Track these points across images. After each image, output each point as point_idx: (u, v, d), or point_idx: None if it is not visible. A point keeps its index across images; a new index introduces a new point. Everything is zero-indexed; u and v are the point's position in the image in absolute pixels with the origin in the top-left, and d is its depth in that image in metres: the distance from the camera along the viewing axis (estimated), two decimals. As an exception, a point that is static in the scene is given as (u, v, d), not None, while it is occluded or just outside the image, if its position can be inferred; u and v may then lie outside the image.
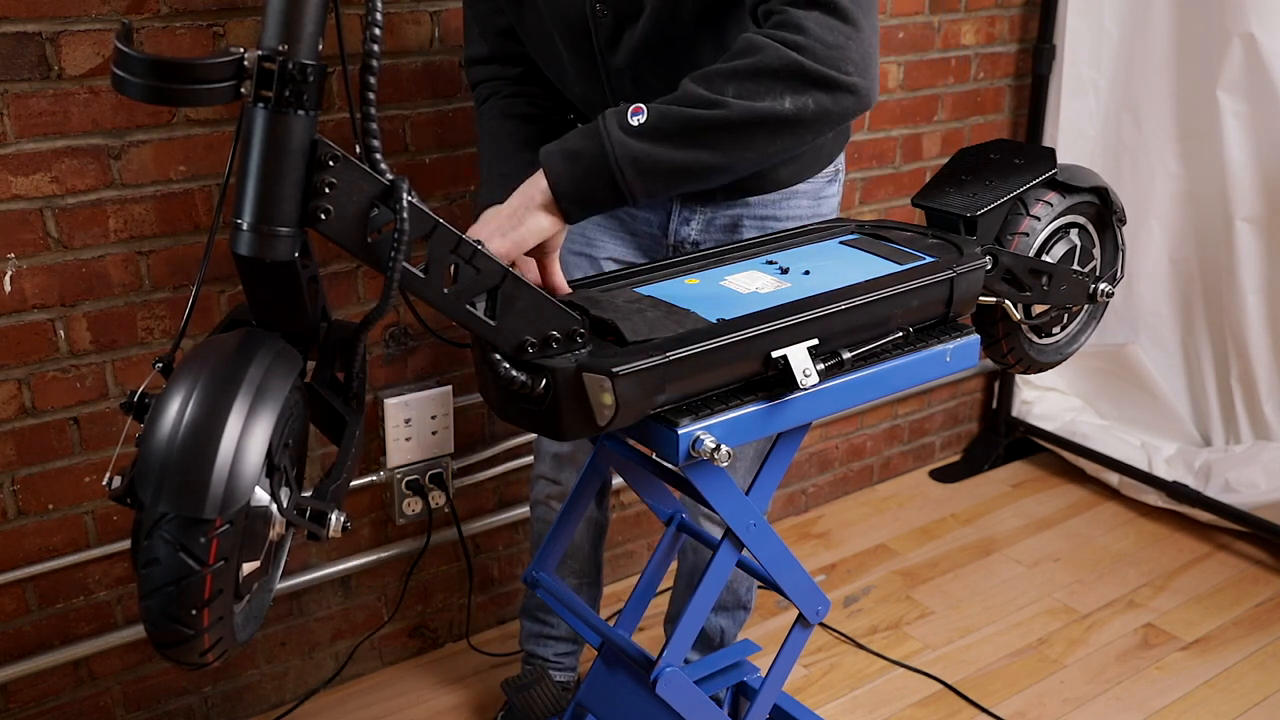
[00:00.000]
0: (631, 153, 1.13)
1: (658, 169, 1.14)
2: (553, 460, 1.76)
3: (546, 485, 1.79)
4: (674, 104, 1.14)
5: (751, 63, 1.13)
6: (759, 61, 1.13)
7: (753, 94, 1.13)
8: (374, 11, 0.97)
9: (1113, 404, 2.79)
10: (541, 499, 1.81)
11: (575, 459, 1.73)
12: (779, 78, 1.13)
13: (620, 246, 1.60)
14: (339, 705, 2.03)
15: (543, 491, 1.80)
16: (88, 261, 1.62)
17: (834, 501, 2.72)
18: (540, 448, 1.79)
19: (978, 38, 2.53)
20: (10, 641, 1.72)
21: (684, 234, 1.56)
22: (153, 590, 0.91)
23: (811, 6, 1.15)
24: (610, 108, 1.18)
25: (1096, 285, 1.52)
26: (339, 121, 1.74)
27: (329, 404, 1.16)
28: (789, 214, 1.55)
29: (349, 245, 1.01)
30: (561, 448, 1.73)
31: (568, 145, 1.16)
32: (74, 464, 1.69)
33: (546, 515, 1.81)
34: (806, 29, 1.14)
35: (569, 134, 1.18)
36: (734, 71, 1.14)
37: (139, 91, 0.92)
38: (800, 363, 1.17)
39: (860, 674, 2.12)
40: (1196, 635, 2.22)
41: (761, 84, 1.13)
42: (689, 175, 1.16)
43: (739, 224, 1.55)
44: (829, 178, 1.58)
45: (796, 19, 1.15)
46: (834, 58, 1.14)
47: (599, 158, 1.14)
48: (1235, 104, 2.35)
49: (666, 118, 1.14)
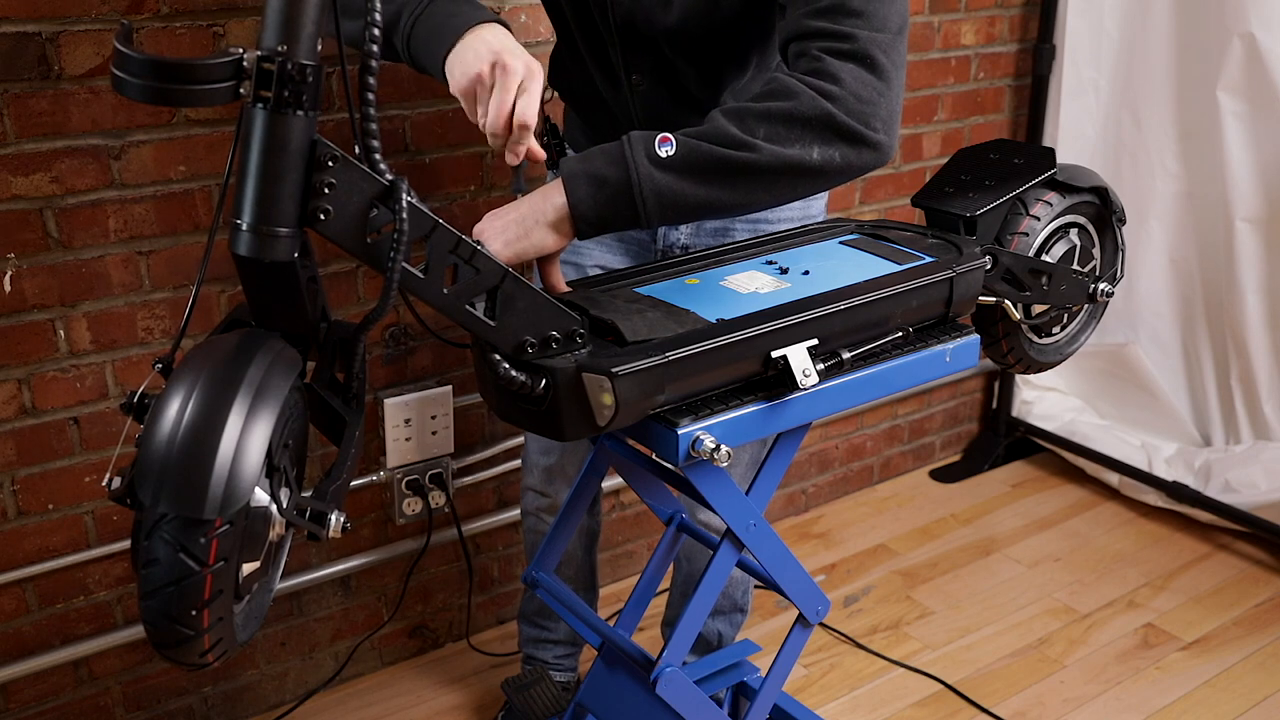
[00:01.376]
0: (657, 185, 1.12)
1: (680, 203, 1.14)
2: (542, 473, 1.74)
3: (536, 498, 1.78)
4: (703, 139, 1.13)
5: (785, 108, 1.13)
6: (793, 108, 1.13)
7: (783, 140, 1.13)
8: (374, 12, 0.97)
9: (1113, 404, 2.79)
10: (532, 510, 1.80)
11: (565, 471, 1.71)
12: (810, 127, 1.13)
13: (607, 253, 1.58)
14: (339, 705, 2.04)
15: (532, 503, 1.79)
16: (88, 261, 1.62)
17: (834, 501, 2.72)
18: (528, 460, 1.77)
19: (978, 38, 2.53)
20: (10, 641, 1.72)
21: (673, 238, 1.55)
22: (153, 590, 0.91)
23: (848, 59, 1.15)
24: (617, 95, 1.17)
25: (1096, 285, 1.52)
26: (339, 121, 1.74)
27: (329, 404, 1.16)
28: (780, 215, 1.55)
29: (348, 246, 1.01)
30: (550, 460, 1.71)
31: (592, 169, 1.14)
32: (74, 464, 1.69)
33: (537, 526, 1.80)
34: (842, 81, 1.14)
35: (590, 152, 1.16)
36: (767, 114, 1.13)
37: (138, 92, 0.92)
38: (800, 363, 1.17)
39: (860, 674, 2.12)
40: (1196, 635, 2.22)
41: (793, 131, 1.13)
42: (708, 210, 1.16)
43: (730, 227, 1.55)
44: None
45: (833, 69, 1.14)
46: (864, 113, 1.14)
47: (624, 185, 1.13)
48: (1235, 104, 2.35)
49: (696, 154, 1.13)
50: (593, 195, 1.13)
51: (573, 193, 1.14)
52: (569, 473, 1.71)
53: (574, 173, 1.14)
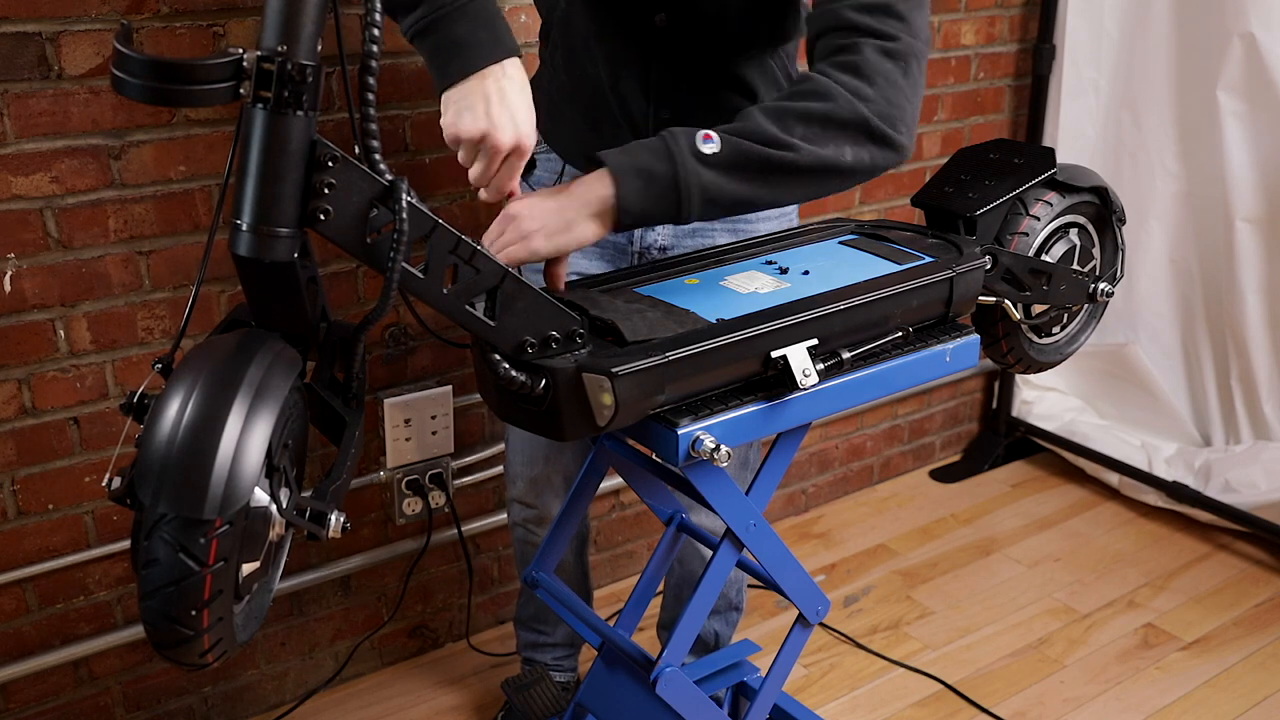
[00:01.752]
0: (702, 181, 1.13)
1: (721, 199, 1.15)
2: (528, 484, 1.72)
3: (522, 509, 1.76)
4: (745, 137, 1.15)
5: (823, 109, 1.15)
6: (830, 110, 1.15)
7: (819, 141, 1.15)
8: (373, 12, 0.97)
9: (1113, 404, 2.79)
10: (519, 521, 1.78)
11: (551, 481, 1.69)
12: (846, 129, 1.16)
13: (582, 256, 1.55)
14: (339, 705, 2.04)
15: (519, 515, 1.77)
16: (88, 261, 1.62)
17: (834, 501, 2.72)
18: (511, 471, 1.75)
19: (978, 38, 2.53)
20: (10, 641, 1.72)
21: (650, 240, 1.53)
22: (152, 591, 0.91)
23: (889, 58, 1.17)
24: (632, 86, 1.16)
25: (1096, 285, 1.52)
26: (339, 121, 1.74)
27: (329, 404, 1.16)
28: (760, 215, 1.54)
29: (348, 246, 1.01)
30: (536, 471, 1.69)
31: (639, 162, 1.14)
32: (74, 464, 1.69)
33: (527, 537, 1.78)
34: (876, 82, 1.16)
35: (631, 147, 1.16)
36: (807, 115, 1.15)
37: (138, 92, 0.92)
38: (800, 363, 1.17)
39: (860, 674, 2.12)
40: (1196, 635, 2.22)
41: (829, 132, 1.15)
42: (743, 206, 1.18)
43: (709, 227, 1.53)
44: None
45: (870, 68, 1.17)
46: (893, 117, 1.17)
47: (670, 180, 1.13)
48: (1235, 104, 2.35)
49: (740, 152, 1.14)
50: (642, 189, 1.13)
51: (622, 185, 1.14)
52: (555, 482, 1.69)
53: (621, 166, 1.14)
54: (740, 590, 1.86)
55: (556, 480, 1.69)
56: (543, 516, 1.73)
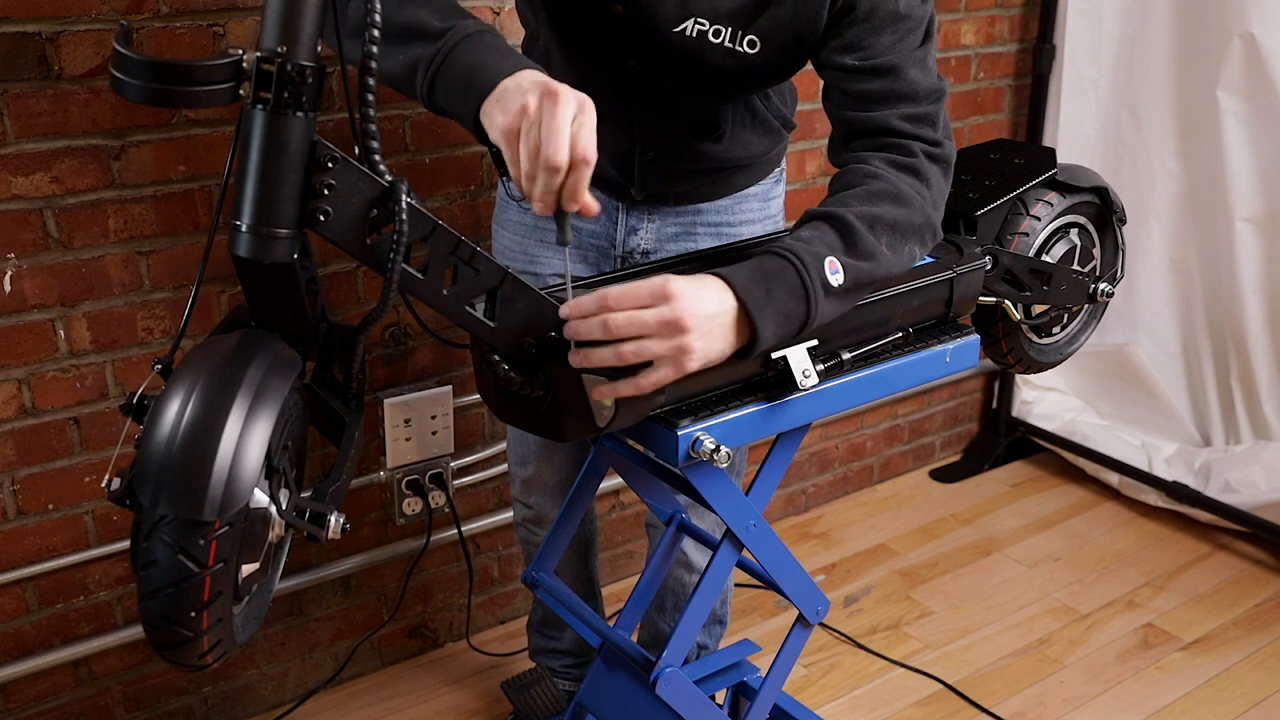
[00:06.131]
0: (824, 313, 1.14)
1: (825, 322, 1.17)
2: (521, 485, 1.72)
3: (521, 509, 1.76)
4: (857, 258, 1.16)
5: (903, 216, 1.19)
6: (908, 218, 1.19)
7: (898, 248, 1.19)
8: (373, 13, 0.97)
9: (1113, 404, 2.79)
10: (520, 521, 1.78)
11: (543, 480, 1.69)
12: (917, 233, 1.21)
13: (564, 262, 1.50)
14: (339, 705, 2.04)
15: (520, 514, 1.77)
16: (88, 261, 1.62)
17: (834, 501, 2.72)
18: (510, 470, 1.75)
19: (978, 38, 2.53)
20: (10, 641, 1.72)
21: (633, 244, 1.50)
22: (152, 592, 0.91)
23: (934, 162, 1.24)
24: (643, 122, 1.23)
25: (1096, 285, 1.52)
26: (339, 122, 1.74)
27: (329, 405, 1.16)
28: (741, 218, 1.53)
29: (348, 247, 1.01)
30: (528, 471, 1.69)
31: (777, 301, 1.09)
32: (74, 464, 1.69)
33: (528, 537, 1.78)
34: (932, 184, 1.23)
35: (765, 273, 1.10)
36: (893, 224, 1.18)
37: (138, 93, 0.92)
38: (800, 363, 1.17)
39: (860, 674, 2.12)
40: (1196, 635, 2.22)
41: (907, 239, 1.20)
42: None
43: (692, 231, 1.51)
44: (776, 178, 1.56)
45: (929, 173, 1.23)
46: (940, 214, 1.25)
47: (802, 320, 1.12)
48: (1235, 104, 2.35)
49: (857, 280, 1.16)
50: (779, 328, 1.11)
51: (763, 328, 1.09)
52: (547, 482, 1.69)
53: (760, 306, 1.08)
54: (725, 603, 1.85)
55: (549, 480, 1.68)
56: (539, 516, 1.73)
